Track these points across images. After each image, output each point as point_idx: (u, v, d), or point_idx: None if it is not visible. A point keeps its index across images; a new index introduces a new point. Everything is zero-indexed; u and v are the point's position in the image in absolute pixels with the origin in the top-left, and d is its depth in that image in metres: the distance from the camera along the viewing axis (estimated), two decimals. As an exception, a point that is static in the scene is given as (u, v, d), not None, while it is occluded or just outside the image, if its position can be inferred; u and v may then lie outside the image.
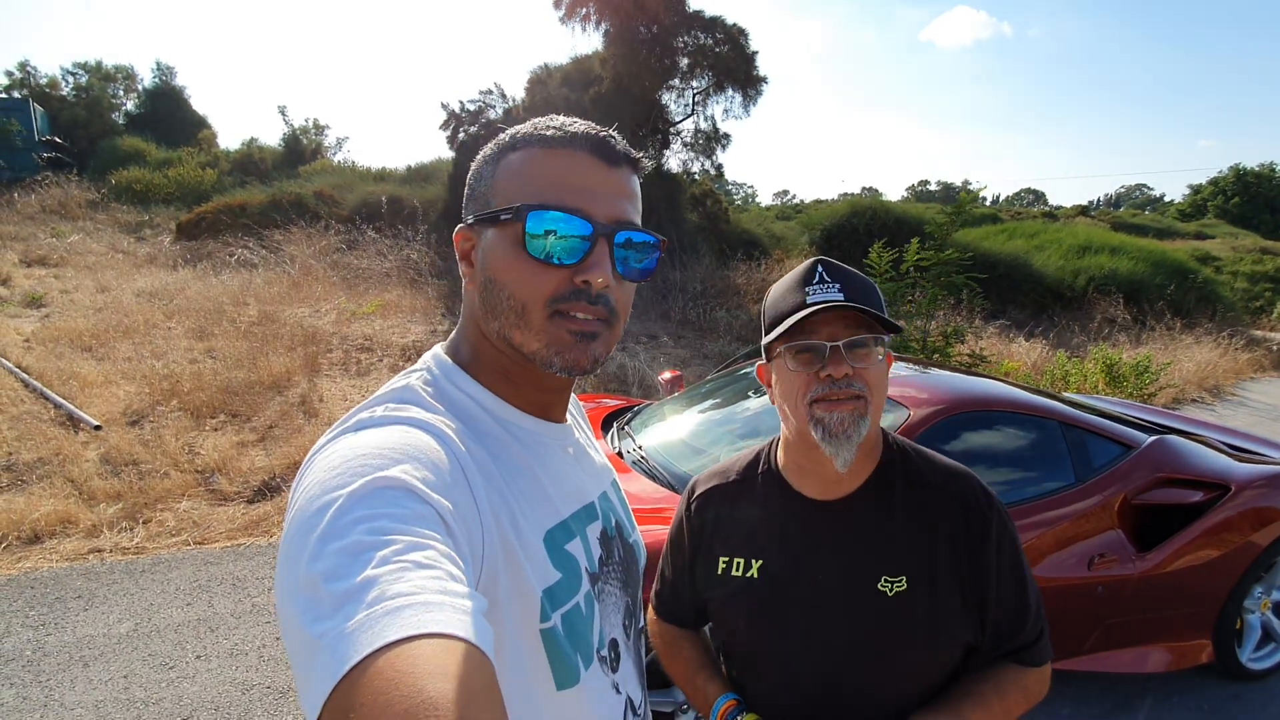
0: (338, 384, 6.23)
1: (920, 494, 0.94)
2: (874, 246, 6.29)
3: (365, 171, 15.34)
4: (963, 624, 0.91)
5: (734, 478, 1.05)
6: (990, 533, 0.92)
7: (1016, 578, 0.94)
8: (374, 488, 0.50)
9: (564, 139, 0.65)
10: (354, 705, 0.37)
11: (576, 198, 0.63)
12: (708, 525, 1.04)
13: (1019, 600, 0.94)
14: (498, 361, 0.70)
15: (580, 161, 0.64)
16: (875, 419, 0.91)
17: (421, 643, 0.39)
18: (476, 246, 0.68)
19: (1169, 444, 2.72)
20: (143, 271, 9.69)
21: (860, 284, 0.92)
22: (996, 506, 0.94)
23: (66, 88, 20.90)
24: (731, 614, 0.99)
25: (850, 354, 0.88)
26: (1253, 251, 21.55)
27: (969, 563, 0.91)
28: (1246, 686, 2.76)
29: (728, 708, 0.97)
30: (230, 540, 3.74)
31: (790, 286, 0.93)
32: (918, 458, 0.98)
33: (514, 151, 0.66)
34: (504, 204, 0.64)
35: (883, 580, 0.91)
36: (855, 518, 0.94)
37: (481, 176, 0.68)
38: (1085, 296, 12.45)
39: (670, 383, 3.91)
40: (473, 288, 0.69)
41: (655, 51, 11.94)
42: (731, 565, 0.99)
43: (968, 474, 0.98)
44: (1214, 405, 7.97)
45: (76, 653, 2.70)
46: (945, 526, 0.92)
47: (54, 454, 4.39)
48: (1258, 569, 2.67)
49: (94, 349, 6.45)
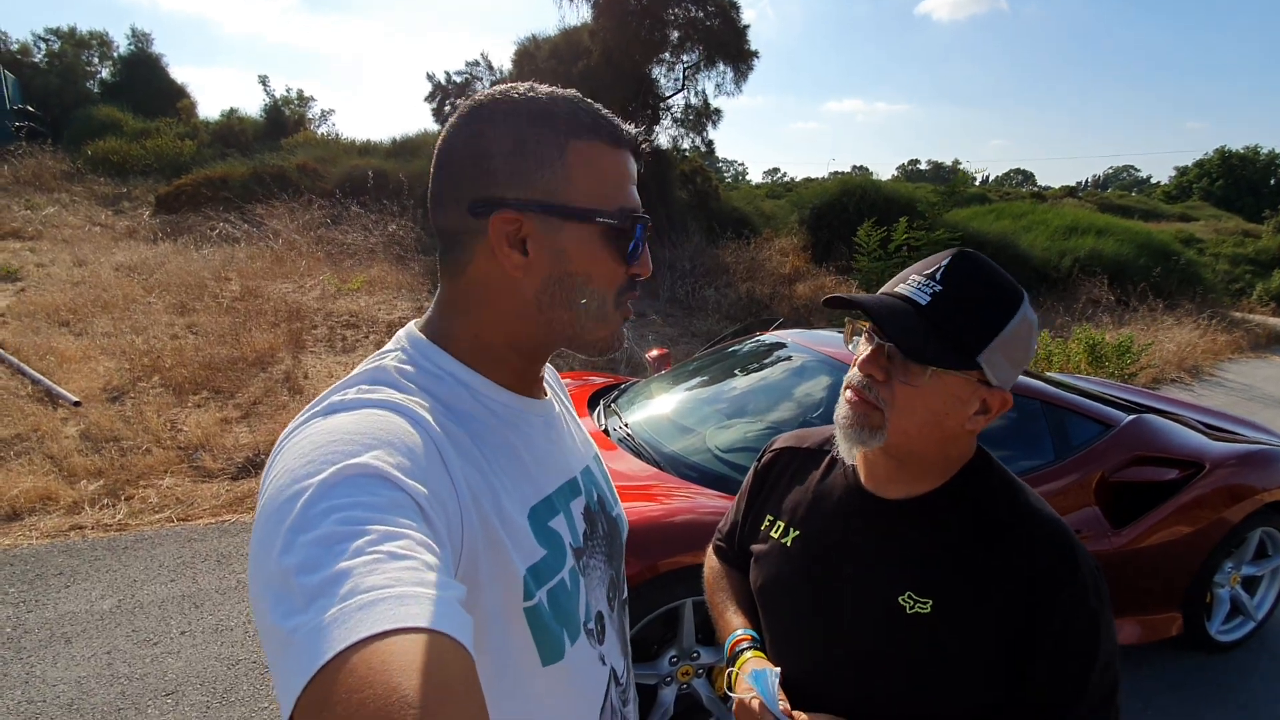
0: (323, 360, 6.17)
1: (989, 529, 0.83)
2: (863, 225, 6.29)
3: (349, 144, 14.99)
4: (985, 678, 0.81)
5: (808, 445, 1.06)
6: (1057, 604, 0.78)
7: (1077, 661, 0.78)
8: (345, 475, 0.49)
9: (619, 138, 0.67)
10: (327, 703, 0.37)
11: (635, 199, 0.68)
12: (769, 482, 1.07)
13: (1072, 685, 0.78)
14: (483, 340, 0.68)
15: (629, 162, 0.68)
16: (901, 441, 0.84)
17: (396, 638, 0.38)
18: (533, 234, 0.64)
19: (1147, 423, 2.77)
20: (121, 245, 9.48)
21: (966, 301, 0.80)
22: (1080, 582, 0.79)
23: (39, 54, 20.21)
24: (761, 570, 1.01)
25: (890, 362, 0.82)
26: (1235, 234, 21.77)
27: (1020, 624, 0.79)
28: (1212, 657, 2.85)
29: (739, 641, 1.00)
30: (214, 517, 3.72)
31: (912, 266, 0.87)
32: (1006, 492, 0.87)
33: (580, 140, 0.64)
34: (588, 202, 0.65)
35: (907, 595, 0.84)
36: (905, 524, 0.88)
37: (541, 160, 0.63)
38: (1070, 277, 12.53)
39: (657, 360, 3.90)
40: (524, 276, 0.65)
41: (645, 24, 11.72)
42: (774, 526, 1.01)
43: (1059, 531, 0.82)
44: (1192, 385, 8.09)
45: (58, 629, 2.69)
46: (1006, 578, 0.80)
47: (32, 430, 4.33)
48: (1228, 544, 2.74)
49: (72, 324, 6.33)
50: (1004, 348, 0.80)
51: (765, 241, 12.06)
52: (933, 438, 0.84)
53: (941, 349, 0.79)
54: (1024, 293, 0.83)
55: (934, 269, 0.83)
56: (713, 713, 2.15)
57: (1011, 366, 0.82)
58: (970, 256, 0.83)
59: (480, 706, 0.40)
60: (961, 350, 0.79)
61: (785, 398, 2.82)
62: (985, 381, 0.81)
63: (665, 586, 1.98)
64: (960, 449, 0.88)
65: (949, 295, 0.80)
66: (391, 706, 0.35)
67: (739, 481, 2.44)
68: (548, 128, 0.63)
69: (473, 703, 0.40)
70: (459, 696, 0.39)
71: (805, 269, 11.20)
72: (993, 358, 0.80)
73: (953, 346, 0.79)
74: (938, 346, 0.79)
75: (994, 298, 0.81)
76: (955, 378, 0.80)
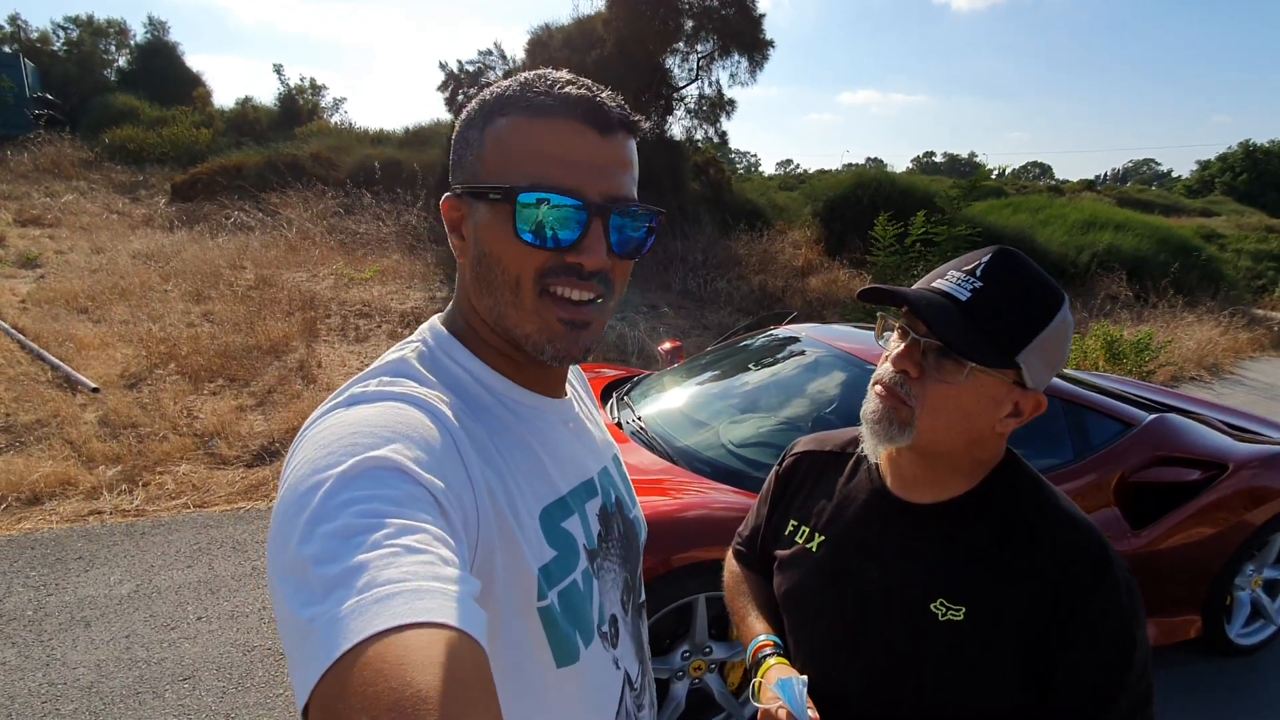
0: (336, 350, 6.20)
1: (1021, 533, 0.82)
2: (879, 219, 6.22)
3: (362, 134, 15.05)
4: (1016, 685, 0.80)
5: (830, 448, 1.04)
6: (1089, 609, 0.77)
7: (1110, 666, 0.77)
8: (364, 468, 0.49)
9: (553, 105, 0.60)
10: (342, 695, 0.37)
11: (568, 174, 0.60)
12: (791, 486, 1.05)
13: (1104, 691, 0.78)
14: (495, 337, 0.68)
15: (572, 131, 0.60)
16: (929, 440, 0.82)
17: (411, 632, 0.39)
18: (467, 218, 0.65)
19: (1169, 422, 2.72)
20: (138, 233, 9.57)
21: (1007, 299, 0.78)
22: (1112, 584, 0.78)
23: (58, 43, 20.37)
24: (785, 576, 0.99)
25: (925, 359, 0.80)
26: (1258, 229, 21.35)
27: (1050, 630, 0.78)
28: (1230, 661, 2.81)
29: (761, 647, 0.98)
30: (230, 504, 3.76)
31: (950, 263, 0.85)
32: (1034, 494, 0.85)
33: (501, 117, 0.62)
34: (492, 179, 0.61)
35: (939, 602, 0.82)
36: (935, 529, 0.86)
37: (468, 143, 0.64)
38: (1088, 273, 12.36)
39: (670, 353, 3.89)
40: (465, 261, 0.67)
41: (659, 13, 11.62)
42: (798, 531, 0.99)
43: (1089, 535, 0.82)
44: (1212, 383, 7.97)
45: (78, 613, 2.73)
46: (1037, 583, 0.79)
47: (52, 416, 4.38)
48: (1250, 547, 2.69)
49: (90, 311, 6.40)
50: (1042, 349, 0.79)
51: (778, 234, 11.98)
52: (962, 438, 0.83)
53: (983, 346, 0.77)
54: (1065, 294, 0.82)
55: (974, 265, 0.81)
56: (724, 707, 2.14)
57: (1047, 369, 0.81)
58: (1012, 254, 0.81)
59: (494, 703, 0.40)
60: (1002, 349, 0.77)
61: (800, 393, 2.80)
62: (1020, 383, 0.80)
63: (678, 581, 1.98)
64: (989, 451, 0.87)
65: (990, 293, 0.78)
66: (406, 701, 0.36)
67: (753, 477, 2.42)
68: (478, 112, 0.64)
69: (486, 698, 0.40)
70: (473, 692, 0.39)
71: (819, 262, 11.12)
72: (1030, 358, 0.78)
73: (993, 345, 0.77)
74: (979, 343, 0.77)
75: (1036, 297, 0.79)
76: (991, 378, 0.79)
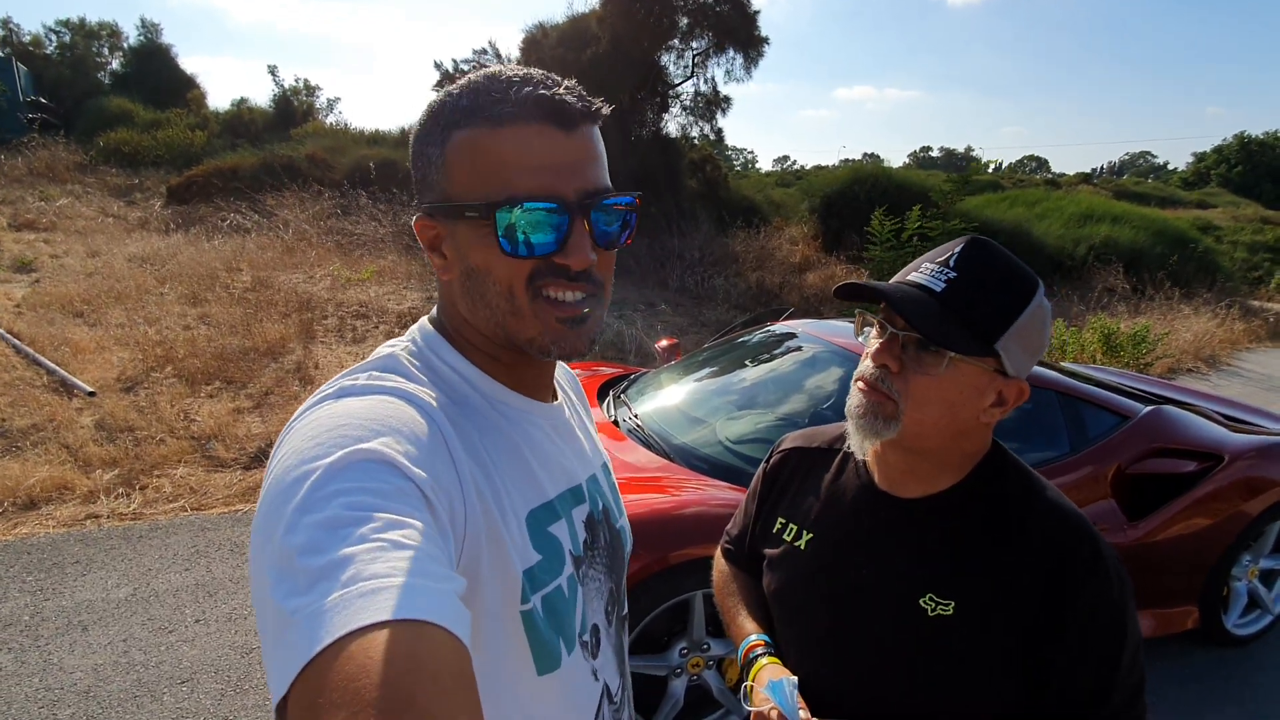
0: (333, 351, 6.19)
1: (1009, 526, 0.82)
2: (875, 214, 6.22)
3: (358, 134, 15.02)
4: (1007, 679, 0.80)
5: (818, 444, 1.04)
6: (1079, 601, 0.77)
7: (1102, 658, 0.78)
8: (353, 460, 0.48)
9: (513, 112, 0.58)
10: (322, 689, 0.36)
11: (541, 180, 0.59)
12: (779, 483, 1.05)
13: (1097, 683, 0.78)
14: (484, 342, 0.68)
15: (536, 134, 0.59)
16: (915, 434, 0.82)
17: (394, 628, 0.38)
18: (445, 237, 0.64)
19: (1165, 414, 2.73)
20: (134, 236, 9.55)
21: (982, 287, 0.78)
22: (1102, 576, 0.78)
23: (50, 46, 20.33)
24: (774, 574, 0.99)
25: (905, 352, 0.80)
26: (1253, 221, 21.41)
27: (1042, 622, 0.78)
28: (1227, 651, 2.82)
29: (752, 647, 0.98)
30: (227, 506, 3.75)
31: (924, 255, 0.86)
32: (1022, 486, 0.85)
33: (459, 131, 0.60)
34: (466, 197, 0.60)
35: (928, 597, 0.83)
36: (923, 523, 0.86)
37: (429, 160, 0.62)
38: (1085, 266, 12.37)
39: (667, 350, 3.89)
40: (450, 278, 0.65)
41: (654, 10, 11.60)
42: (786, 529, 0.99)
43: (1079, 526, 0.81)
44: (1209, 375, 7.99)
45: (75, 617, 2.72)
46: (1026, 575, 0.79)
47: (48, 420, 4.37)
48: (1247, 538, 2.70)
49: (86, 314, 6.39)
50: (1020, 335, 0.79)
51: (775, 230, 11.98)
52: (947, 430, 0.83)
53: (961, 336, 0.77)
54: (1039, 280, 0.82)
55: (947, 256, 0.81)
56: (723, 704, 2.15)
57: (1027, 355, 0.81)
58: (983, 243, 0.82)
59: (474, 702, 0.40)
60: (979, 337, 0.78)
61: (796, 389, 2.80)
62: (1001, 371, 0.80)
63: (675, 578, 1.98)
64: (975, 443, 0.87)
65: (964, 281, 0.79)
66: (385, 697, 0.35)
67: (750, 473, 2.42)
68: (434, 125, 0.62)
69: (467, 697, 0.40)
70: (453, 690, 0.39)
71: (816, 258, 11.12)
72: (1009, 345, 0.79)
73: (971, 333, 0.78)
74: (957, 333, 0.77)
75: (1010, 285, 0.80)
76: (972, 367, 0.79)
